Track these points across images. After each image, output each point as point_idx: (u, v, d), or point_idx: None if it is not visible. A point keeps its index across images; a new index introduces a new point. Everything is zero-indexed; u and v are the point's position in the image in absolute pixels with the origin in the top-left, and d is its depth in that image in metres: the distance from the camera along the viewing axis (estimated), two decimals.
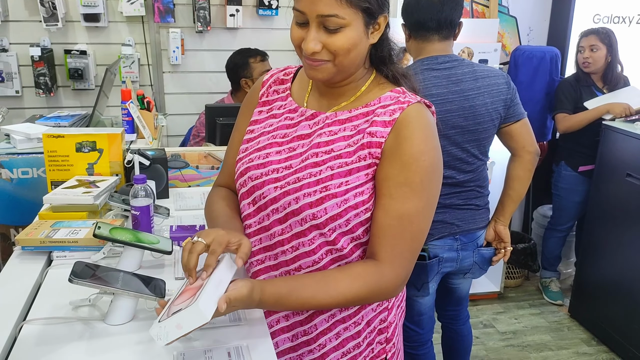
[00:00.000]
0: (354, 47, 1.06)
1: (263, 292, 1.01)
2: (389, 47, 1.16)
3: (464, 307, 2.22)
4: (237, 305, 0.97)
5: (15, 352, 1.05)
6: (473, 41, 3.15)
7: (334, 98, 1.18)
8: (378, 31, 1.11)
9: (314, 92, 1.22)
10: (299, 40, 1.08)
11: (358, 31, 1.06)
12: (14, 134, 1.97)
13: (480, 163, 1.95)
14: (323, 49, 1.06)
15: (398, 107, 1.10)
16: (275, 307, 1.07)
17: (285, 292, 1.03)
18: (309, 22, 1.05)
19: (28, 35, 2.86)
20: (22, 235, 1.41)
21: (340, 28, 1.04)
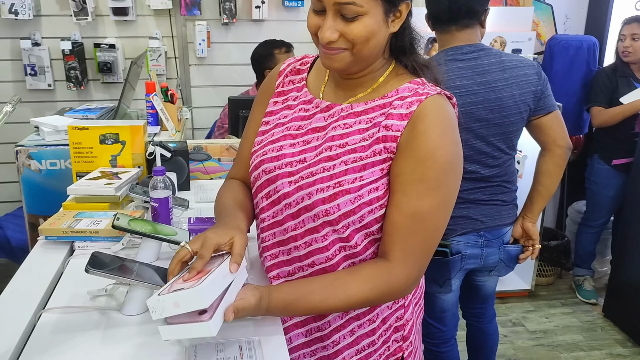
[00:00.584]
0: (373, 36, 1.03)
1: (270, 299, 1.00)
2: (411, 37, 1.11)
3: (489, 305, 2.17)
4: (244, 314, 0.97)
5: (32, 339, 1.06)
6: (506, 30, 3.06)
7: (351, 89, 1.14)
8: (399, 19, 1.06)
9: (331, 82, 1.18)
10: (315, 28, 1.05)
11: (377, 19, 1.02)
12: (43, 126, 2.01)
13: (507, 157, 1.89)
14: (340, 37, 1.03)
15: (416, 99, 1.05)
16: (284, 314, 1.07)
17: (293, 299, 1.02)
18: (325, 10, 1.02)
19: (59, 30, 2.91)
20: (46, 225, 1.44)
21: (358, 16, 1.00)
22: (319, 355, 1.19)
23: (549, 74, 3.17)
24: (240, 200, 1.23)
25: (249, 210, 1.22)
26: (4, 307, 1.17)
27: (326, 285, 1.05)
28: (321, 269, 1.12)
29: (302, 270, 1.14)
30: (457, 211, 1.86)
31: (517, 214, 1.99)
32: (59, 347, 1.04)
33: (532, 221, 1.96)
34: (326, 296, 1.04)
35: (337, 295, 1.04)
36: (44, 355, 1.01)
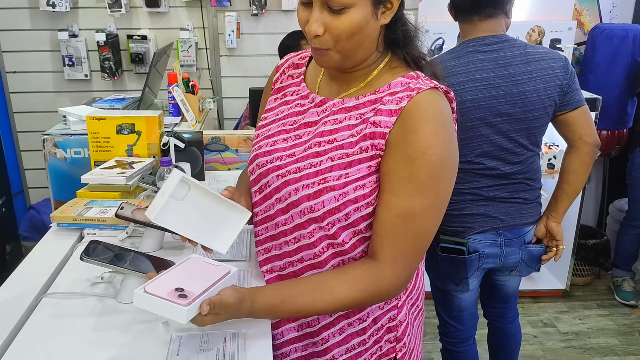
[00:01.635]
0: (359, 31, 1.00)
1: (254, 302, 0.99)
2: (404, 28, 1.07)
3: (512, 304, 2.10)
4: (222, 313, 0.95)
5: (29, 322, 1.10)
6: (545, 19, 2.94)
7: (345, 83, 1.12)
8: (390, 11, 1.03)
9: (326, 76, 1.17)
10: (304, 22, 1.03)
11: (365, 12, 0.99)
12: (69, 115, 2.06)
13: (530, 154, 1.82)
14: (326, 31, 1.00)
15: (406, 94, 1.02)
16: (269, 317, 1.05)
17: (278, 302, 1.01)
18: (312, 2, 1.00)
19: (96, 22, 2.99)
20: (57, 213, 1.48)
21: (345, 8, 0.97)
22: (309, 351, 1.18)
23: (591, 65, 3.04)
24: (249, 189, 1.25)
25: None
26: (8, 290, 1.22)
27: (312, 288, 1.04)
28: (309, 265, 1.11)
29: (292, 266, 1.14)
30: (475, 209, 1.81)
31: (540, 213, 1.92)
32: (53, 331, 1.07)
33: (556, 221, 1.88)
34: (312, 299, 1.02)
35: (324, 298, 1.02)
36: (38, 337, 1.05)
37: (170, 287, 0.93)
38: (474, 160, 1.77)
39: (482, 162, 1.77)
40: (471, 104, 1.70)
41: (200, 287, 0.94)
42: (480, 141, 1.75)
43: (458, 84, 1.70)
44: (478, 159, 1.77)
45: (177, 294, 0.92)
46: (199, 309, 0.92)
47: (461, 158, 1.72)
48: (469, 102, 1.70)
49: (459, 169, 1.71)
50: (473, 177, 1.79)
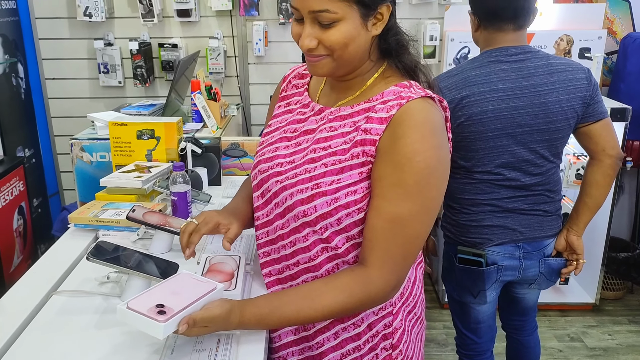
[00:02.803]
0: (351, 41, 1.03)
1: (243, 313, 1.02)
2: (396, 38, 1.10)
3: (531, 317, 2.06)
4: (210, 326, 0.98)
5: (37, 318, 1.16)
6: (574, 28, 2.88)
7: (342, 92, 1.15)
8: (381, 22, 1.06)
9: (326, 86, 1.20)
10: (297, 37, 1.06)
11: (354, 24, 1.02)
12: (97, 121, 2.15)
13: (551, 165, 1.78)
14: (319, 44, 1.03)
15: (397, 102, 1.04)
16: (259, 327, 1.07)
17: (266, 312, 1.03)
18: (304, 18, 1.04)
19: (130, 31, 3.09)
20: (75, 214, 1.55)
21: (334, 23, 1.01)
22: (305, 355, 1.20)
23: (622, 74, 2.96)
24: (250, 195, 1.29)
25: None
26: (21, 287, 1.29)
27: (301, 296, 1.06)
28: (305, 269, 1.14)
29: (289, 269, 1.16)
30: (494, 220, 1.79)
31: (560, 226, 1.88)
32: (57, 327, 1.12)
33: (577, 234, 1.84)
34: (301, 307, 1.04)
35: (313, 306, 1.04)
36: (43, 333, 1.10)
37: (152, 303, 0.96)
38: (494, 171, 1.75)
39: (502, 172, 1.75)
40: (492, 114, 1.68)
41: (181, 304, 0.97)
42: (501, 151, 1.73)
43: (479, 93, 1.68)
44: (498, 170, 1.75)
45: (156, 310, 0.95)
46: (177, 325, 0.95)
47: (481, 168, 1.74)
48: (490, 112, 1.68)
49: (478, 179, 1.75)
50: (492, 187, 1.77)
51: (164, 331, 0.93)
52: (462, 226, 1.84)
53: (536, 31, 2.87)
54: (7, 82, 3.03)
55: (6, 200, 2.51)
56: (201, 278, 1.08)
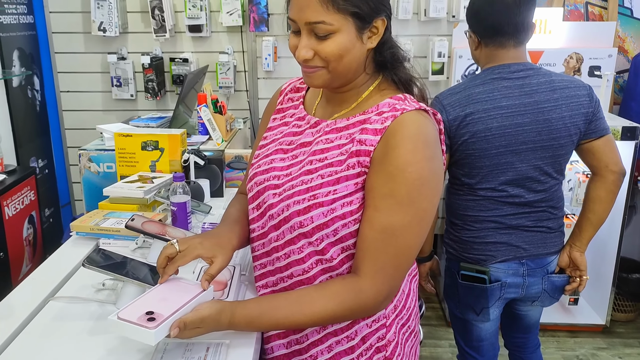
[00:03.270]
0: (346, 53, 1.04)
1: (233, 314, 1.02)
2: (391, 51, 1.12)
3: (533, 334, 2.03)
4: (202, 326, 0.99)
5: (32, 323, 1.17)
6: (584, 46, 2.88)
7: (338, 105, 1.16)
8: (377, 35, 1.07)
9: (323, 99, 1.22)
10: (294, 48, 1.08)
11: (350, 37, 1.04)
12: (105, 132, 2.18)
13: (554, 182, 1.78)
14: (315, 55, 1.05)
15: (391, 114, 1.05)
16: (249, 329, 1.08)
17: (256, 314, 1.04)
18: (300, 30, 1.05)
19: (143, 45, 3.15)
20: (77, 222, 1.57)
21: (330, 34, 1.02)
22: None
23: (633, 93, 2.94)
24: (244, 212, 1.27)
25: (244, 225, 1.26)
26: (20, 293, 1.31)
27: (292, 301, 1.06)
28: (298, 281, 1.14)
29: (284, 282, 1.17)
30: (498, 237, 1.78)
31: (563, 242, 1.86)
32: (51, 332, 1.14)
33: (580, 250, 1.82)
34: (291, 312, 1.05)
35: (302, 311, 1.04)
36: (37, 338, 1.12)
37: (141, 311, 0.98)
38: (498, 188, 1.74)
39: (506, 189, 1.74)
40: (497, 131, 1.68)
41: (171, 309, 0.98)
42: (505, 168, 1.72)
43: (483, 110, 1.68)
44: (502, 187, 1.74)
45: (146, 317, 0.96)
46: (168, 330, 0.96)
47: (485, 185, 1.74)
48: (494, 129, 1.68)
49: (481, 196, 1.75)
50: (496, 204, 1.76)
51: (155, 337, 0.94)
52: (465, 243, 1.83)
53: (545, 49, 2.87)
54: (22, 94, 3.09)
55: (17, 209, 2.55)
56: (190, 282, 1.08)
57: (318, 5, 1.01)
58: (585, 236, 1.82)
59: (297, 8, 1.04)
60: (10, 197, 2.50)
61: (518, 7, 1.69)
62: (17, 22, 3.03)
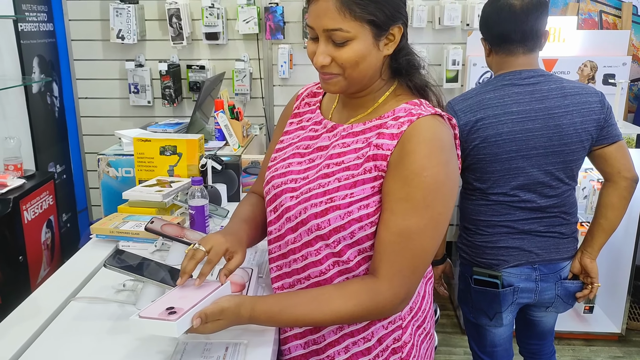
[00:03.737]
0: (362, 60, 1.06)
1: (254, 309, 1.05)
2: (407, 58, 1.13)
3: (548, 341, 2.02)
4: (222, 318, 1.01)
5: (54, 323, 1.20)
6: (599, 54, 2.88)
7: (354, 109, 1.18)
8: (393, 42, 1.09)
9: (339, 104, 1.24)
10: (312, 54, 1.11)
11: (366, 44, 1.06)
12: (123, 137, 2.22)
13: (566, 187, 1.78)
14: (332, 62, 1.07)
15: (407, 119, 1.07)
16: (268, 324, 1.10)
17: (277, 310, 1.06)
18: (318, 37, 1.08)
19: (160, 53, 3.21)
20: (97, 225, 1.60)
21: (347, 41, 1.05)
22: None
23: None
24: (255, 213, 1.31)
25: (258, 223, 1.29)
26: (42, 293, 1.34)
27: (311, 299, 1.08)
28: (316, 282, 1.15)
29: (300, 283, 1.18)
30: (510, 242, 1.79)
31: (576, 248, 1.86)
32: (72, 331, 1.16)
33: (591, 257, 1.82)
34: (310, 309, 1.07)
35: (321, 309, 1.06)
36: (58, 336, 1.14)
37: (162, 308, 1.00)
38: (509, 193, 1.75)
39: (518, 194, 1.75)
40: (507, 136, 1.69)
41: (190, 303, 1.00)
42: (516, 173, 1.73)
43: (494, 116, 1.70)
44: (513, 192, 1.75)
45: (167, 312, 0.98)
46: (190, 322, 0.98)
47: (496, 190, 1.75)
48: (505, 134, 1.70)
49: (493, 200, 1.76)
50: (508, 209, 1.77)
51: (177, 329, 0.96)
52: (477, 247, 1.84)
53: (559, 57, 2.87)
54: (42, 101, 3.15)
55: (36, 214, 2.59)
56: (208, 279, 1.10)
57: (336, 13, 1.03)
58: (597, 243, 1.82)
59: (315, 15, 1.06)
60: (30, 202, 2.55)
61: (526, 15, 1.70)
62: (38, 29, 3.10)
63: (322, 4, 1.05)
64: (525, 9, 1.70)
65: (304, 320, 1.08)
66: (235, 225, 1.25)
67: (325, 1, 1.04)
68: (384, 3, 1.05)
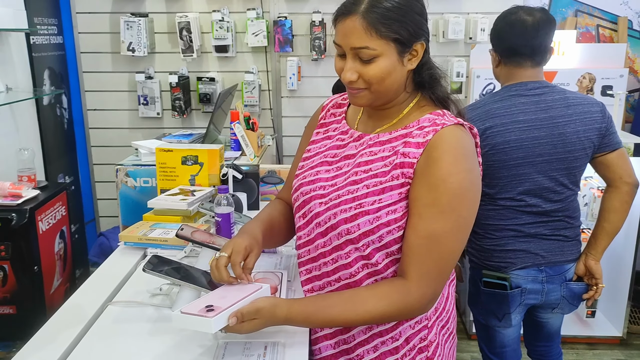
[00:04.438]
0: (388, 76, 1.13)
1: (290, 310, 1.10)
2: (430, 72, 1.21)
3: (555, 343, 2.09)
4: (258, 318, 1.07)
5: (95, 326, 1.25)
6: (596, 66, 2.98)
7: (379, 120, 1.25)
8: (416, 58, 1.16)
9: (364, 114, 1.30)
10: (340, 70, 1.18)
11: (391, 60, 1.13)
12: (140, 148, 2.28)
13: (570, 193, 1.87)
14: (359, 78, 1.14)
15: (432, 129, 1.14)
16: (303, 325, 1.15)
17: (312, 311, 1.12)
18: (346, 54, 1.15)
19: (170, 65, 3.27)
20: (125, 233, 1.65)
21: (374, 58, 1.12)
22: None
23: None
24: (271, 214, 1.37)
25: (274, 224, 1.35)
26: (79, 298, 1.38)
27: (345, 300, 1.14)
28: (346, 285, 1.21)
29: (330, 285, 1.24)
30: (517, 245, 1.86)
31: (580, 250, 1.94)
32: (114, 334, 1.21)
33: (595, 259, 1.90)
34: (344, 309, 1.12)
35: (355, 310, 1.12)
36: (100, 339, 1.19)
37: (202, 305, 1.07)
38: (516, 197, 1.83)
39: (524, 199, 1.83)
40: (514, 144, 1.78)
41: (229, 302, 1.07)
42: (523, 179, 1.81)
43: (502, 125, 1.78)
44: (520, 196, 1.83)
45: (206, 309, 1.05)
46: (227, 320, 1.04)
47: (504, 195, 1.83)
48: (512, 142, 1.78)
49: (501, 205, 1.83)
50: (515, 213, 1.85)
51: (214, 325, 1.02)
52: (486, 251, 1.91)
53: (559, 69, 2.97)
54: (52, 112, 3.20)
55: (50, 224, 2.63)
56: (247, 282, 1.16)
57: (362, 32, 1.10)
58: (601, 245, 1.90)
59: (343, 34, 1.13)
60: (44, 212, 2.58)
61: (537, 31, 1.80)
62: (48, 42, 3.15)
63: (349, 24, 1.12)
64: (536, 25, 1.80)
65: (338, 320, 1.14)
66: (250, 225, 1.30)
67: (352, 21, 1.11)
68: (407, 22, 1.12)
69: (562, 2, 3.17)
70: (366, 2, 1.10)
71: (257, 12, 3.10)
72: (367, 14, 1.10)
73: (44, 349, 1.14)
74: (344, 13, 1.13)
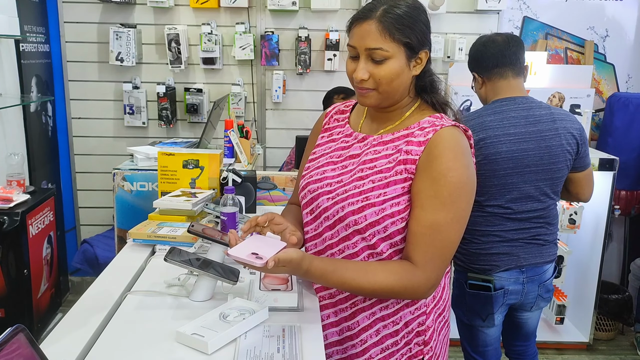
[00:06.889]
0: (396, 77, 1.26)
1: (311, 264, 1.19)
2: (431, 78, 1.34)
3: (531, 342, 2.23)
4: (287, 266, 1.15)
5: (117, 314, 1.30)
6: (565, 86, 3.19)
7: (382, 122, 1.37)
8: (420, 65, 1.29)
9: (367, 118, 1.42)
10: (352, 72, 1.29)
11: (400, 63, 1.25)
12: (137, 153, 2.34)
13: (551, 202, 2.02)
14: (370, 77, 1.26)
15: (432, 129, 1.26)
16: (319, 280, 1.25)
17: (330, 269, 1.21)
18: (359, 56, 1.27)
19: (157, 75, 3.33)
20: (134, 230, 1.71)
21: (385, 59, 1.24)
22: (349, 353, 1.37)
23: (610, 129, 3.25)
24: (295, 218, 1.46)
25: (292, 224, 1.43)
26: (97, 289, 1.43)
27: (359, 267, 1.24)
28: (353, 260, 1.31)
29: None
30: (502, 249, 2.00)
31: (556, 253, 2.09)
32: (136, 321, 1.27)
33: None
34: (357, 275, 1.22)
35: (367, 278, 1.22)
36: (124, 326, 1.25)
37: (248, 251, 1.15)
38: (504, 205, 1.97)
39: (511, 207, 1.98)
40: (505, 155, 1.93)
41: (270, 252, 1.15)
42: (511, 188, 1.96)
43: (495, 136, 1.93)
44: (507, 204, 1.97)
45: (254, 256, 1.13)
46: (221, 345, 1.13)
47: (492, 202, 1.97)
48: (503, 153, 1.93)
49: (489, 212, 1.98)
50: (501, 220, 1.99)
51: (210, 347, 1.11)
52: (472, 254, 2.04)
53: (531, 88, 3.16)
54: (37, 120, 3.22)
55: (39, 229, 2.64)
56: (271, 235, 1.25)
57: (377, 34, 1.23)
58: None
59: (359, 36, 1.25)
60: (34, 217, 2.60)
61: (508, 44, 2.00)
62: (36, 50, 3.18)
63: (366, 27, 1.24)
64: (506, 40, 2.00)
65: (349, 283, 1.22)
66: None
67: (369, 24, 1.24)
68: (417, 30, 1.25)
69: (533, 26, 3.39)
70: (382, 9, 1.23)
71: (245, 26, 3.21)
72: (382, 19, 1.22)
73: (75, 332, 1.19)
74: (361, 18, 1.25)
